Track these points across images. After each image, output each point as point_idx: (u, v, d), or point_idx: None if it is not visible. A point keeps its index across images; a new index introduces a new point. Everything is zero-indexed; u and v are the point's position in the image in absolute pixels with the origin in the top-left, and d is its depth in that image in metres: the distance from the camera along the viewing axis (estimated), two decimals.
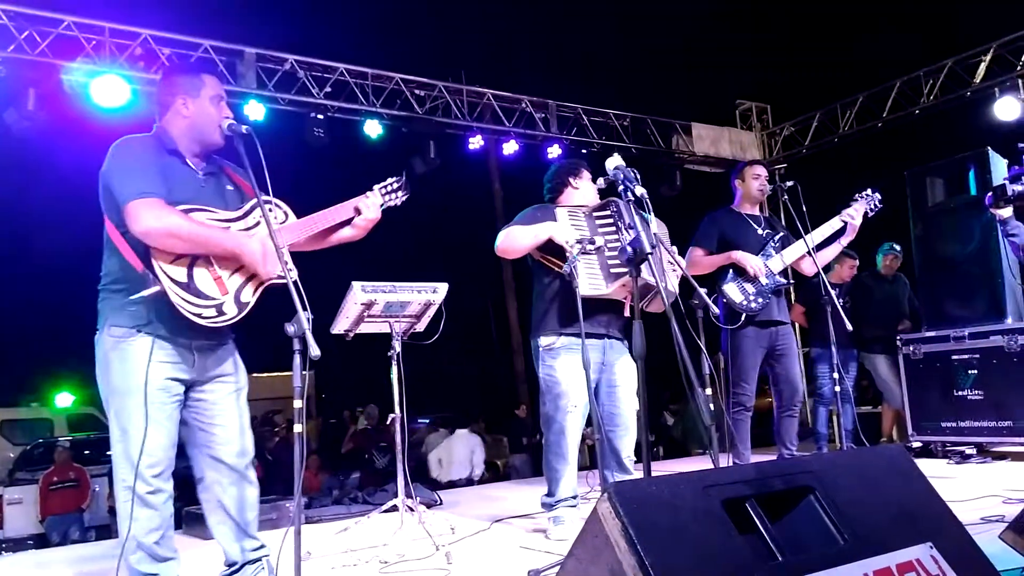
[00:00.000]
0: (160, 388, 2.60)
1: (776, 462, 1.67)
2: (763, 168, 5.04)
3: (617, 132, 9.30)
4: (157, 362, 2.58)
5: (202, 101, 2.71)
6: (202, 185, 2.73)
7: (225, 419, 2.75)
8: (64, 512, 9.80)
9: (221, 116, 2.71)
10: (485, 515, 4.53)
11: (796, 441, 4.91)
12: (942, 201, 6.22)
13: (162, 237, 2.48)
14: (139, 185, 2.51)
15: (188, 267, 2.55)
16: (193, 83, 2.74)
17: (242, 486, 2.77)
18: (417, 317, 4.01)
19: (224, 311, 2.58)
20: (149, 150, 2.65)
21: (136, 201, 2.48)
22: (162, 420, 2.60)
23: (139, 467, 2.53)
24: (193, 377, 2.70)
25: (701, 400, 2.24)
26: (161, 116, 2.76)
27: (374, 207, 2.96)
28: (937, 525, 1.65)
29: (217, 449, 2.74)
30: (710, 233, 4.85)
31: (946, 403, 5.76)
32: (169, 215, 2.49)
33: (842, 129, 9.48)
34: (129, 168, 2.57)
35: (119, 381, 2.57)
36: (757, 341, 4.72)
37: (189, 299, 2.52)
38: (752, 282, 4.69)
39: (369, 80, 7.71)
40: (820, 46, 15.42)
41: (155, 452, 2.57)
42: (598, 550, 1.30)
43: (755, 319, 4.69)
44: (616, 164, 3.00)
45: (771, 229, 4.92)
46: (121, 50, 6.48)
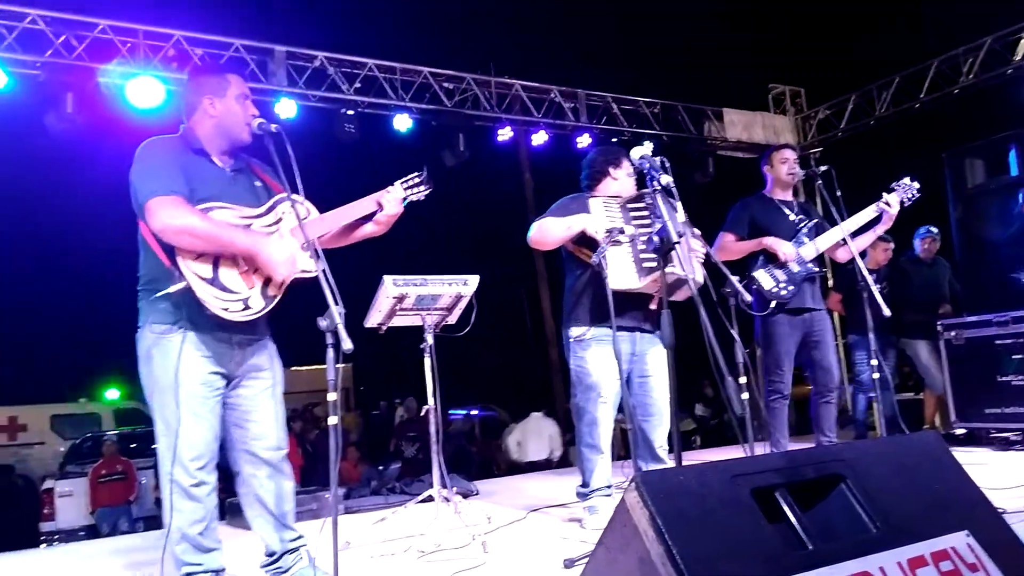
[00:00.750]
0: (202, 382, 2.65)
1: (806, 450, 1.66)
2: (791, 151, 4.92)
3: (648, 120, 9.22)
4: (197, 357, 2.64)
5: (228, 100, 2.76)
6: (229, 182, 2.76)
7: (260, 415, 2.80)
8: (113, 504, 10.06)
9: (247, 114, 2.76)
10: (521, 505, 4.55)
11: (835, 428, 4.83)
12: (982, 182, 6.08)
13: (177, 234, 2.52)
14: (158, 184, 2.56)
15: (214, 262, 2.60)
16: (219, 83, 2.78)
17: (278, 480, 2.83)
18: (448, 310, 4.03)
19: (250, 305, 2.63)
20: (172, 150, 2.70)
21: (154, 199, 2.53)
22: (204, 414, 2.66)
23: (183, 459, 2.60)
24: (232, 371, 2.75)
25: (731, 389, 2.23)
26: (188, 116, 2.81)
27: (395, 202, 2.97)
28: (973, 513, 1.63)
29: (252, 444, 2.79)
30: (741, 219, 4.78)
31: (990, 389, 5.64)
32: (185, 213, 2.53)
33: (878, 111, 9.29)
34: (150, 168, 2.62)
35: (161, 376, 2.63)
36: (791, 328, 4.65)
37: (215, 294, 2.57)
38: (783, 268, 4.62)
39: (398, 74, 7.75)
40: (854, 27, 15.10)
41: (198, 445, 2.63)
42: (627, 540, 1.31)
43: (787, 306, 4.63)
44: (642, 153, 2.98)
45: (804, 215, 4.82)
46: (155, 51, 6.61)
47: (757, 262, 4.66)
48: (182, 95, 2.89)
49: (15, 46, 6.17)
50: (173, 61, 6.56)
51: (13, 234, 20.25)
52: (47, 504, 10.31)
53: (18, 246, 21.26)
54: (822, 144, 10.10)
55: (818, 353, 4.73)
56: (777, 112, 10.39)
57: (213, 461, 2.71)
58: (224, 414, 2.77)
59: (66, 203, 20.39)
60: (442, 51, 10.23)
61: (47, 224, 21.76)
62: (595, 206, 3.71)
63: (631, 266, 3.57)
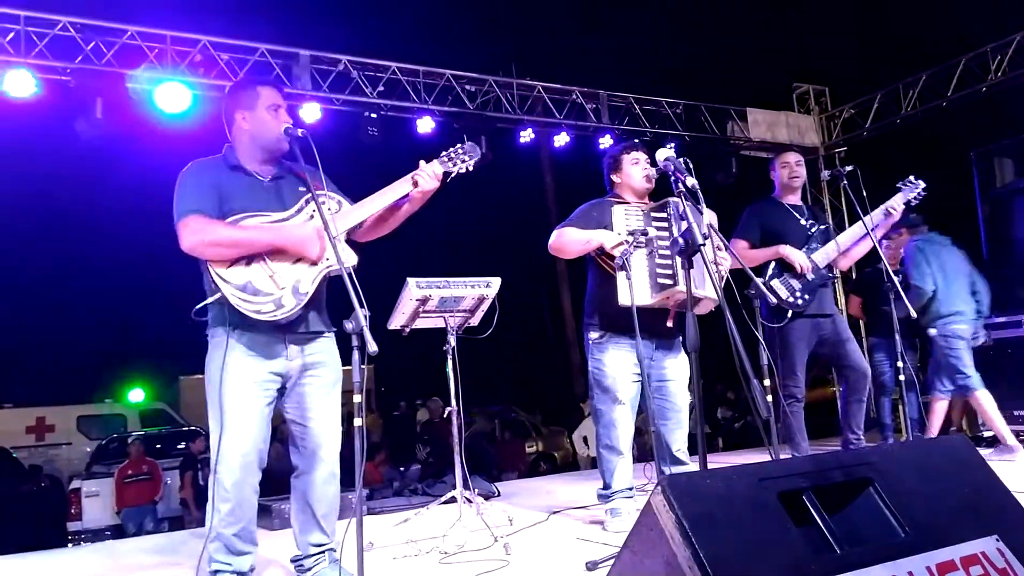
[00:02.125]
0: (252, 382, 2.73)
1: (833, 453, 1.65)
2: (793, 155, 4.87)
3: (670, 120, 9.18)
4: (246, 357, 2.72)
5: (259, 112, 2.85)
6: (264, 192, 2.84)
7: (317, 413, 2.85)
8: (138, 504, 10.18)
9: (280, 123, 2.82)
10: (542, 507, 4.56)
11: (862, 427, 4.79)
12: (1011, 181, 6.01)
13: (205, 248, 2.66)
14: (185, 205, 2.71)
15: (244, 268, 2.68)
16: (250, 96, 2.88)
17: (325, 480, 2.88)
18: (471, 311, 4.05)
19: (283, 303, 2.69)
20: (206, 170, 2.82)
21: (181, 222, 2.68)
22: (251, 414, 2.72)
23: (227, 458, 2.68)
24: (288, 370, 2.81)
25: (757, 392, 2.22)
26: (229, 132, 2.92)
27: (430, 177, 2.97)
28: (1003, 517, 1.61)
29: (307, 441, 2.85)
30: (751, 225, 4.75)
31: (1019, 390, 5.57)
32: (208, 228, 2.65)
33: (904, 110, 9.17)
34: (182, 191, 2.77)
35: (213, 376, 2.73)
36: (805, 333, 4.62)
37: (247, 299, 2.65)
38: (799, 278, 4.59)
39: (420, 77, 7.78)
40: (879, 24, 14.93)
41: (243, 444, 2.70)
42: (653, 543, 1.31)
43: (803, 313, 4.60)
44: (666, 156, 2.97)
45: (814, 220, 4.79)
46: (182, 57, 6.69)
47: (771, 270, 4.62)
48: (222, 113, 2.98)
49: (45, 53, 6.27)
50: (200, 66, 6.64)
51: (42, 238, 20.62)
52: (74, 504, 10.46)
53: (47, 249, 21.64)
54: (847, 144, 9.99)
55: (844, 352, 4.68)
56: (801, 111, 10.29)
57: (258, 462, 2.76)
58: (285, 411, 2.86)
59: (95, 207, 20.73)
60: (464, 53, 10.25)
61: (75, 228, 22.13)
62: (617, 214, 3.71)
63: (645, 280, 3.56)
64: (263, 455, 2.78)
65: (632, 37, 18.51)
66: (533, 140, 8.48)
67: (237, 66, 6.93)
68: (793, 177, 4.79)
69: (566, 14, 19.17)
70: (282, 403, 2.85)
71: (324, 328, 2.92)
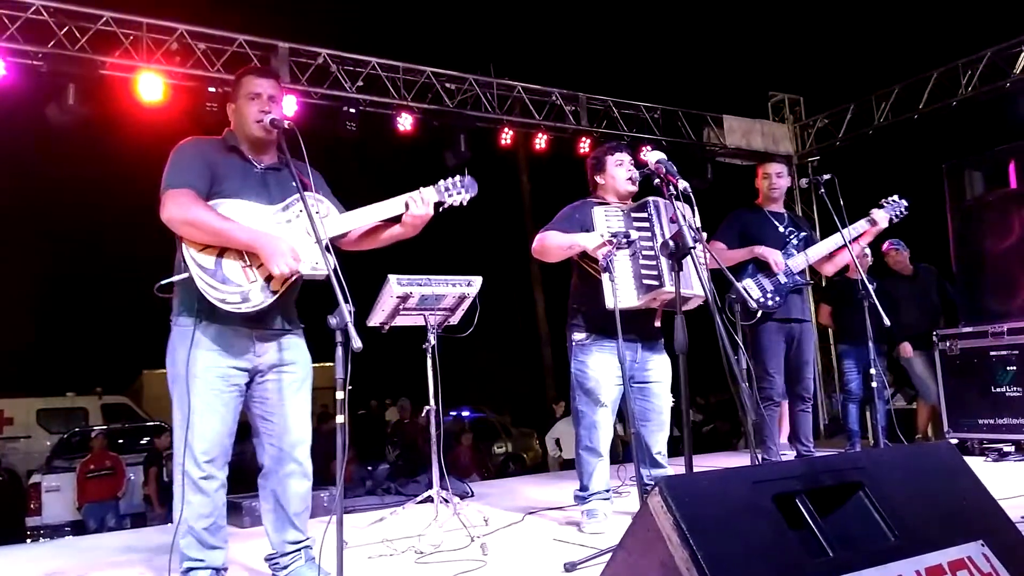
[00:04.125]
0: (217, 375, 2.68)
1: (825, 458, 1.66)
2: (776, 166, 4.95)
3: (648, 124, 9.25)
4: (213, 349, 2.67)
5: (241, 101, 2.83)
6: (256, 179, 2.80)
7: (285, 409, 2.81)
8: (100, 500, 9.97)
9: (255, 112, 2.79)
10: (517, 507, 4.55)
11: (811, 438, 4.88)
12: (981, 194, 6.11)
13: (181, 225, 2.60)
14: (175, 178, 2.66)
15: (217, 255, 2.64)
16: (236, 86, 2.89)
17: (295, 478, 2.83)
18: (451, 310, 4.04)
19: (249, 298, 2.63)
20: (202, 147, 2.79)
21: (168, 192, 2.64)
22: (218, 407, 2.67)
23: (194, 452, 2.62)
24: (255, 365, 2.77)
25: (746, 396, 2.23)
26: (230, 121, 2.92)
27: (423, 204, 2.93)
28: (988, 523, 1.63)
29: (275, 439, 2.81)
30: (732, 228, 4.82)
31: (984, 400, 5.67)
32: (192, 206, 2.59)
33: (877, 121, 9.34)
34: (173, 164, 2.71)
35: (178, 367, 2.67)
36: (778, 335, 4.69)
37: (214, 284, 2.60)
38: (771, 279, 4.65)
39: (400, 74, 7.75)
40: (854, 36, 15.19)
41: (209, 437, 2.65)
42: (649, 544, 1.31)
43: (773, 316, 4.66)
44: (658, 158, 2.98)
45: (795, 227, 4.87)
46: (158, 45, 6.57)
47: (746, 272, 4.68)
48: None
49: (17, 36, 6.13)
50: (176, 55, 6.53)
51: (5, 225, 20.13)
52: (33, 499, 10.21)
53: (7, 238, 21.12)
54: (820, 152, 10.15)
55: (798, 361, 4.78)
56: (776, 120, 10.43)
57: (224, 457, 2.72)
58: (251, 407, 2.80)
59: (61, 195, 20.28)
60: (444, 51, 10.23)
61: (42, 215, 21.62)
62: (598, 215, 3.71)
63: (630, 281, 3.57)
64: (228, 450, 2.74)
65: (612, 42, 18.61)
66: (511, 140, 8.48)
67: (214, 56, 6.82)
68: (772, 188, 4.89)
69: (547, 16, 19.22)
70: (250, 399, 2.80)
71: (294, 325, 2.88)
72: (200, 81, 6.65)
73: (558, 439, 10.83)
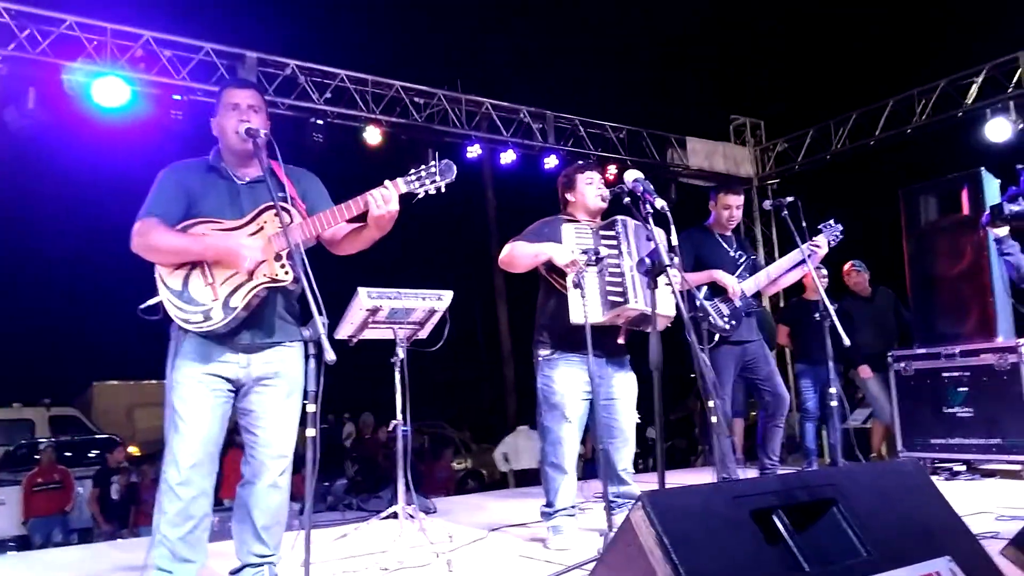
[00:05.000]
0: (198, 382, 2.68)
1: (799, 474, 1.70)
2: (737, 199, 4.99)
3: (613, 144, 9.37)
4: (196, 359, 2.69)
5: (222, 114, 2.83)
6: (233, 195, 2.80)
7: (268, 422, 2.79)
8: (48, 514, 9.66)
9: (235, 123, 2.77)
10: (481, 523, 4.52)
11: (779, 453, 4.96)
12: (935, 220, 6.29)
13: (146, 252, 2.69)
14: (145, 207, 2.73)
15: (185, 276, 2.69)
16: (218, 99, 2.89)
17: (273, 492, 2.80)
18: (421, 324, 4.02)
19: (211, 316, 2.65)
20: (181, 172, 2.83)
21: (139, 222, 2.70)
22: (199, 413, 2.67)
23: (176, 458, 2.62)
24: (236, 377, 2.75)
25: (719, 412, 2.27)
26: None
27: (383, 200, 2.77)
28: (954, 539, 1.68)
29: (258, 451, 2.79)
30: (685, 251, 4.83)
31: (936, 420, 5.80)
32: (150, 232, 2.66)
33: (835, 146, 9.59)
34: (150, 194, 2.79)
35: (168, 376, 2.72)
36: (731, 357, 4.77)
37: (180, 306, 2.66)
38: (727, 303, 4.74)
39: (369, 87, 7.74)
40: (814, 63, 15.59)
41: (192, 445, 2.64)
42: (631, 558, 1.32)
43: (728, 339, 4.74)
44: (636, 177, 3.02)
45: (743, 251, 4.98)
46: (122, 51, 6.47)
47: (702, 295, 4.76)
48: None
49: None
50: (141, 62, 6.43)
51: None
52: None
53: None
54: (779, 176, 10.38)
55: (764, 376, 4.86)
56: (738, 143, 10.64)
57: (209, 464, 2.70)
58: (238, 419, 2.82)
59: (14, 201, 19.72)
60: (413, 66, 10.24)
61: None
62: (567, 232, 3.74)
63: (596, 298, 3.60)
64: (214, 458, 2.72)
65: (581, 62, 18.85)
66: (478, 156, 8.51)
67: (180, 64, 6.74)
68: (731, 219, 4.97)
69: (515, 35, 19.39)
70: (236, 411, 2.81)
71: (282, 339, 2.84)
72: (165, 88, 6.56)
73: (506, 453, 10.86)
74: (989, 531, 3.39)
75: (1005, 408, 5.41)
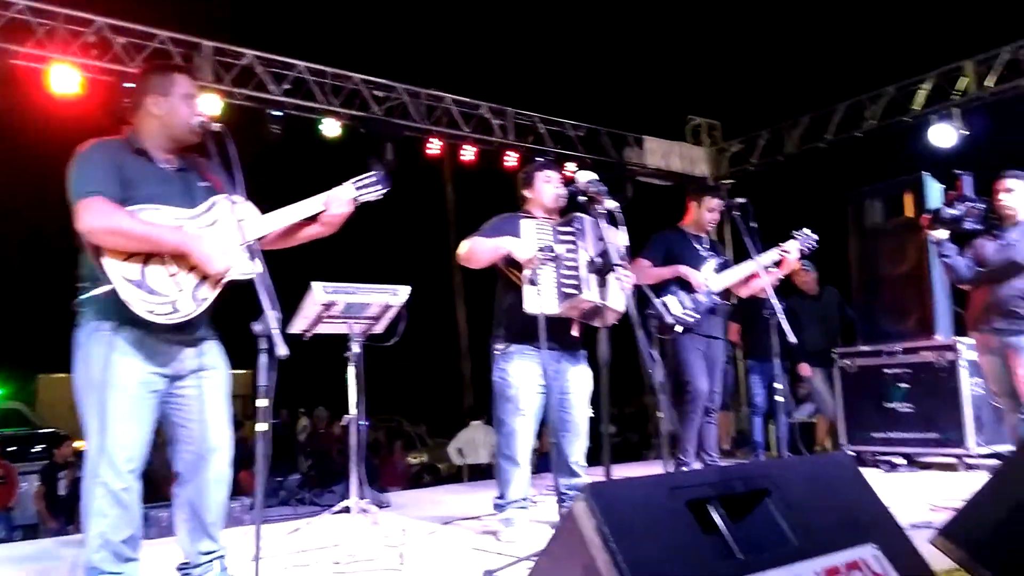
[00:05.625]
0: (139, 382, 2.59)
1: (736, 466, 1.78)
2: (717, 202, 5.18)
3: (572, 142, 9.45)
4: (134, 355, 2.58)
5: (173, 99, 2.73)
6: (170, 183, 2.72)
7: (203, 415, 2.74)
8: None
9: (192, 114, 2.73)
10: (434, 517, 4.56)
11: (716, 449, 5.10)
12: (880, 222, 6.50)
13: (104, 235, 2.51)
14: (87, 185, 2.53)
15: (142, 264, 2.55)
16: (164, 82, 2.76)
17: (213, 486, 2.77)
18: (376, 319, 4.03)
19: (178, 308, 2.58)
20: (110, 151, 2.66)
21: (82, 201, 2.51)
22: (138, 414, 2.59)
23: (115, 462, 2.52)
24: (174, 371, 2.69)
25: (665, 405, 2.34)
26: (133, 115, 2.76)
27: (342, 202, 2.90)
28: (879, 527, 1.78)
29: (194, 446, 2.73)
30: (659, 248, 5.04)
31: (878, 415, 6.01)
32: (112, 213, 2.50)
33: (787, 149, 9.79)
34: (83, 170, 2.59)
35: (97, 375, 2.55)
36: (696, 348, 4.91)
37: (142, 296, 2.52)
38: (691, 296, 4.87)
39: (328, 79, 7.68)
40: (770, 66, 15.92)
41: (131, 447, 2.57)
42: (573, 548, 1.37)
43: (691, 331, 4.86)
44: (589, 178, 3.08)
45: (714, 251, 5.14)
46: (75, 37, 6.32)
47: (669, 288, 4.88)
48: (128, 95, 2.83)
49: None
50: (94, 48, 6.29)
51: None
52: None
53: None
54: (734, 177, 10.55)
55: (709, 376, 4.98)
56: (694, 143, 10.80)
57: (142, 465, 2.63)
58: (167, 413, 2.71)
59: None
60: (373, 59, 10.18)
61: None
62: (526, 228, 3.79)
63: (552, 291, 3.67)
64: (145, 458, 2.66)
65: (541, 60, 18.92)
66: (439, 150, 8.51)
67: (134, 52, 6.61)
68: (710, 222, 5.18)
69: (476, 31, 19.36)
70: (167, 405, 2.72)
71: (212, 332, 2.83)
72: (117, 76, 6.42)
73: (460, 448, 10.92)
74: (923, 521, 3.54)
75: (942, 404, 5.63)
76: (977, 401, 5.58)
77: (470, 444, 10.88)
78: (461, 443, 10.95)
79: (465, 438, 10.98)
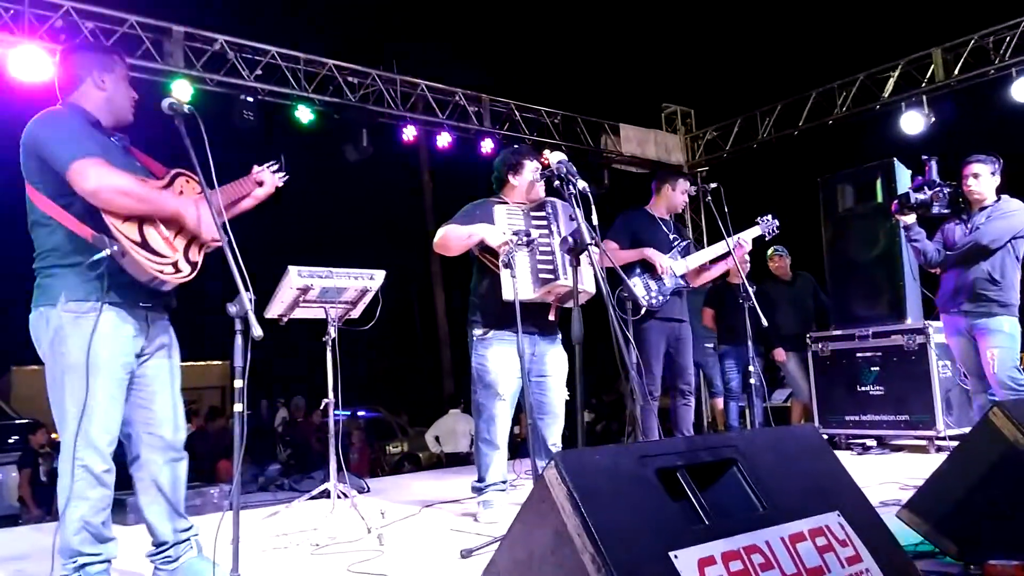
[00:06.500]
0: (121, 364, 2.59)
1: (704, 437, 1.82)
2: (690, 185, 5.30)
3: (548, 129, 9.46)
4: (118, 335, 2.58)
5: (117, 78, 2.76)
6: (126, 156, 2.74)
7: (164, 395, 2.75)
8: None
9: (129, 95, 2.79)
10: (414, 500, 4.59)
11: (691, 430, 5.16)
12: (851, 207, 6.59)
13: (113, 194, 2.48)
14: (80, 147, 2.50)
15: (139, 227, 2.56)
16: (108, 60, 2.78)
17: (176, 465, 2.78)
18: (353, 303, 4.04)
19: (180, 268, 2.62)
20: (77, 119, 2.65)
21: (83, 160, 2.47)
22: (119, 395, 2.60)
23: (97, 444, 2.52)
24: (142, 349, 2.69)
25: (635, 383, 2.38)
26: (71, 91, 2.72)
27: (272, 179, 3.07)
28: (843, 496, 1.84)
29: (155, 427, 2.72)
30: (623, 231, 5.06)
31: (850, 398, 6.12)
32: (118, 174, 2.52)
33: (761, 135, 9.88)
34: (67, 133, 2.56)
35: (75, 356, 2.50)
36: (660, 333, 4.93)
37: (149, 256, 2.54)
38: (657, 280, 4.91)
39: (301, 65, 7.62)
40: (743, 54, 16.02)
41: (112, 429, 2.57)
42: (544, 514, 1.40)
43: (656, 315, 4.91)
44: (559, 159, 3.11)
45: (678, 235, 5.18)
46: (41, 21, 6.22)
47: (634, 271, 4.92)
48: (64, 69, 2.77)
49: None
50: (61, 33, 6.19)
51: None
52: None
53: None
54: (709, 164, 10.64)
55: (679, 358, 5.03)
56: (669, 130, 10.86)
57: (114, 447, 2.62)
58: (130, 393, 2.67)
59: None
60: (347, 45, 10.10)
61: None
62: (499, 213, 3.82)
63: (528, 275, 3.70)
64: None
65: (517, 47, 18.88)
66: (415, 138, 8.48)
67: (103, 36, 6.52)
68: (683, 203, 5.29)
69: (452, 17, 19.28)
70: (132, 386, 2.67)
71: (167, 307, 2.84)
72: None
73: (437, 436, 10.96)
74: (893, 499, 3.63)
75: (913, 386, 5.75)
76: (946, 383, 5.71)
77: (448, 433, 10.93)
78: (439, 431, 10.99)
79: (443, 426, 11.02)
